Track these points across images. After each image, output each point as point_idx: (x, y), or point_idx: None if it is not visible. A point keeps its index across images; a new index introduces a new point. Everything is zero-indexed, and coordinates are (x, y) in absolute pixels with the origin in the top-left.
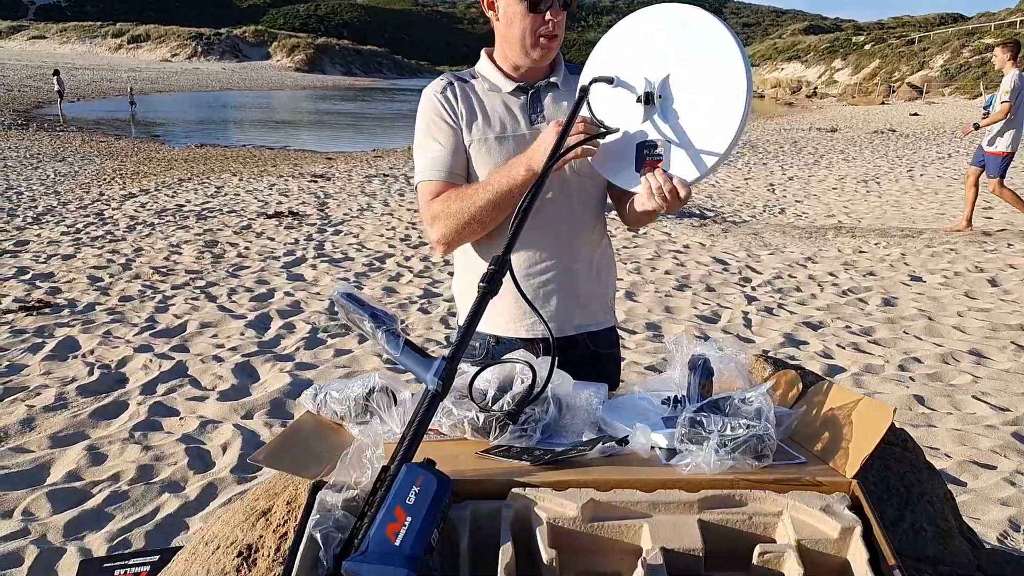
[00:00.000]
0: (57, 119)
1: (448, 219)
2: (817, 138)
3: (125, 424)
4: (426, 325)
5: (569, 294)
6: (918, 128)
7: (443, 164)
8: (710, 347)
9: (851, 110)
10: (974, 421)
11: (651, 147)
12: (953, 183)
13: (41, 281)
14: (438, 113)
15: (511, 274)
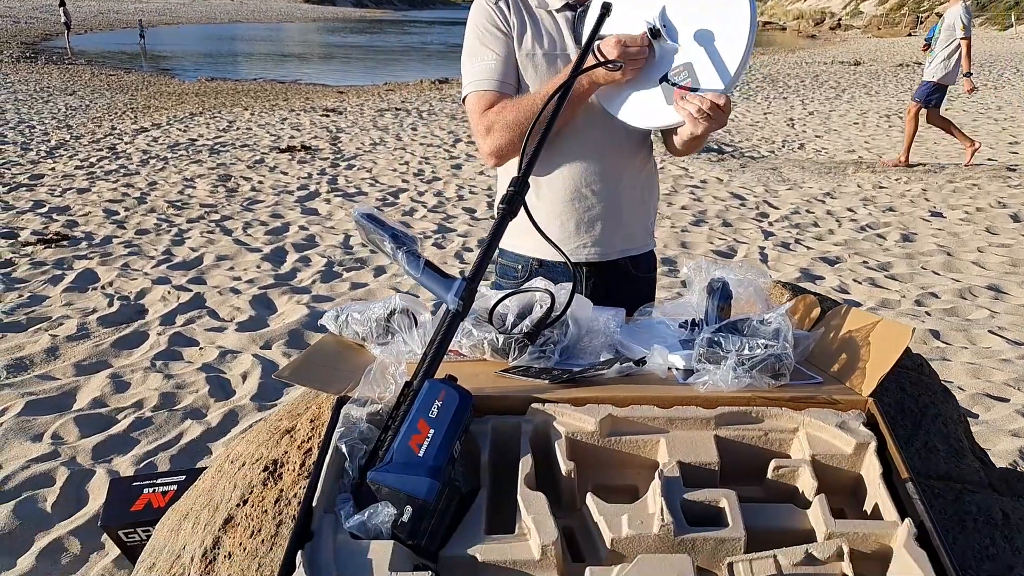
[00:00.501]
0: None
1: (503, 130)
2: (839, 72)
3: (146, 353)
4: (440, 260)
5: (614, 218)
6: None
7: (497, 73)
8: (729, 271)
9: (876, 42)
10: (989, 355)
11: (676, 76)
12: (979, 117)
13: (58, 214)
14: (492, 21)
15: (524, 206)
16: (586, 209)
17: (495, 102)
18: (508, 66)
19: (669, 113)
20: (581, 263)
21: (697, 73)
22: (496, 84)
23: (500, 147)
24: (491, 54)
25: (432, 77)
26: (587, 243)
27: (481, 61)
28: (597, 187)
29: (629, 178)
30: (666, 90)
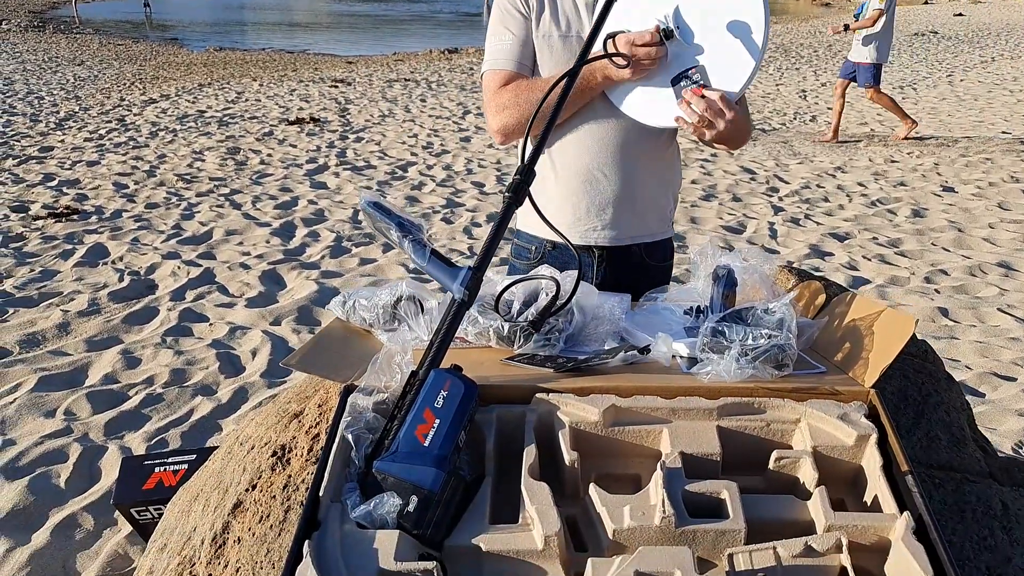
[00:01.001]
0: (73, 20)
1: (516, 109)
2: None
3: (157, 329)
4: (449, 235)
5: (627, 203)
6: (962, 30)
7: (513, 54)
8: (734, 257)
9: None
10: (998, 334)
11: (687, 78)
12: (995, 89)
13: (68, 188)
14: (513, 3)
15: (529, 196)
16: (598, 192)
17: (510, 81)
18: (526, 47)
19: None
20: (593, 247)
21: (710, 76)
22: (513, 64)
23: (507, 126)
24: (509, 35)
25: (441, 47)
26: (597, 227)
27: (500, 41)
28: (610, 171)
29: (646, 164)
30: (676, 91)
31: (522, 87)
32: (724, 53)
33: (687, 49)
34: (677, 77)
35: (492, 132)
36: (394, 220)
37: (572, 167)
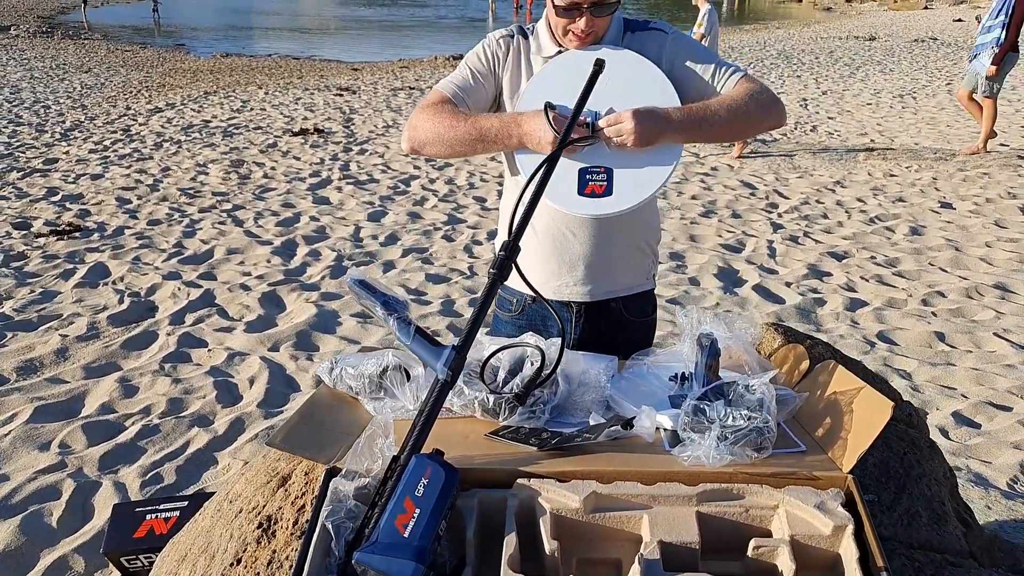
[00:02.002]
0: (82, 25)
1: (428, 129)
2: (854, 47)
3: (155, 355)
4: (450, 254)
5: (599, 260)
6: (961, 36)
7: (461, 87)
8: (719, 324)
9: (892, 16)
10: (994, 360)
11: (595, 172)
12: None
13: (71, 203)
14: (485, 54)
15: (515, 265)
16: (568, 250)
17: (443, 102)
18: (475, 91)
19: (574, 200)
20: (570, 302)
21: (616, 181)
22: (454, 93)
23: (418, 141)
24: (468, 73)
25: (446, 53)
26: (570, 283)
27: (459, 73)
28: (578, 229)
29: (615, 221)
30: (582, 180)
31: (446, 112)
32: (637, 162)
33: (602, 149)
34: (586, 169)
35: (403, 141)
36: (379, 298)
37: (543, 225)
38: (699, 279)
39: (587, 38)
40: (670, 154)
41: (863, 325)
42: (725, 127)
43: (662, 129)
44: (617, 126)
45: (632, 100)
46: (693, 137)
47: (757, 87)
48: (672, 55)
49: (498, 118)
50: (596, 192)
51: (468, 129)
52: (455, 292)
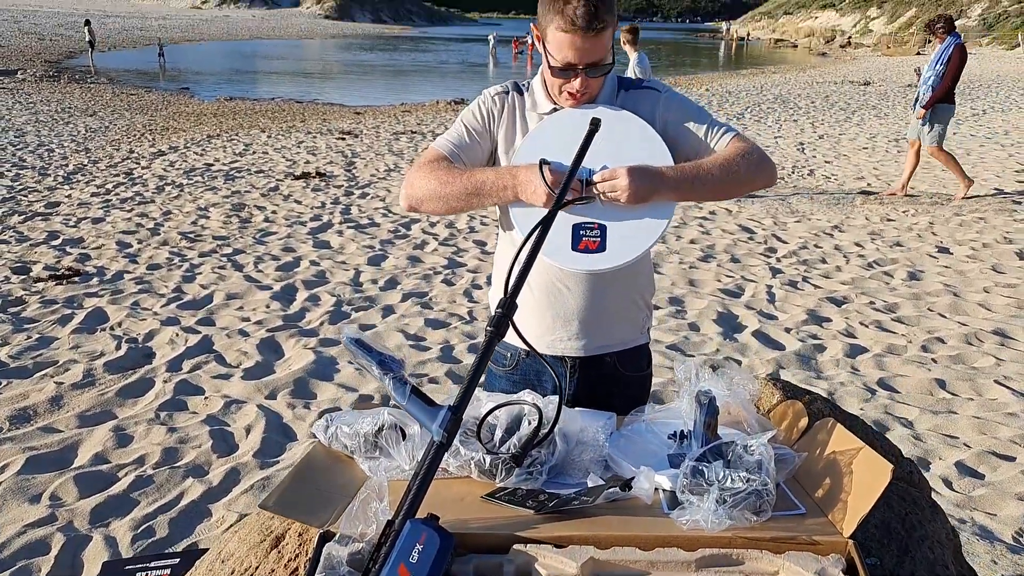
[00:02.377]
0: (88, 70)
1: (425, 186)
2: (849, 92)
3: (151, 404)
4: (449, 298)
5: (593, 315)
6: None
7: (457, 145)
8: (717, 380)
9: (885, 61)
10: (995, 408)
11: (588, 228)
12: (987, 143)
13: (71, 247)
14: (480, 111)
15: (512, 323)
16: (562, 304)
17: (439, 160)
18: (470, 148)
19: (568, 255)
20: (564, 357)
21: (608, 238)
22: (450, 151)
23: (416, 198)
24: (463, 131)
25: (448, 98)
26: (563, 337)
27: (455, 131)
28: (572, 283)
29: (610, 275)
30: (575, 236)
31: (441, 169)
32: (630, 219)
33: (597, 206)
34: (579, 225)
35: (401, 198)
36: (375, 357)
37: (538, 280)
38: (699, 324)
39: (582, 97)
40: (663, 211)
41: (863, 372)
42: (717, 186)
43: (656, 187)
44: (611, 183)
45: (626, 158)
46: (686, 196)
47: (748, 147)
48: (665, 114)
49: (494, 171)
50: (590, 248)
51: (463, 183)
52: (454, 338)
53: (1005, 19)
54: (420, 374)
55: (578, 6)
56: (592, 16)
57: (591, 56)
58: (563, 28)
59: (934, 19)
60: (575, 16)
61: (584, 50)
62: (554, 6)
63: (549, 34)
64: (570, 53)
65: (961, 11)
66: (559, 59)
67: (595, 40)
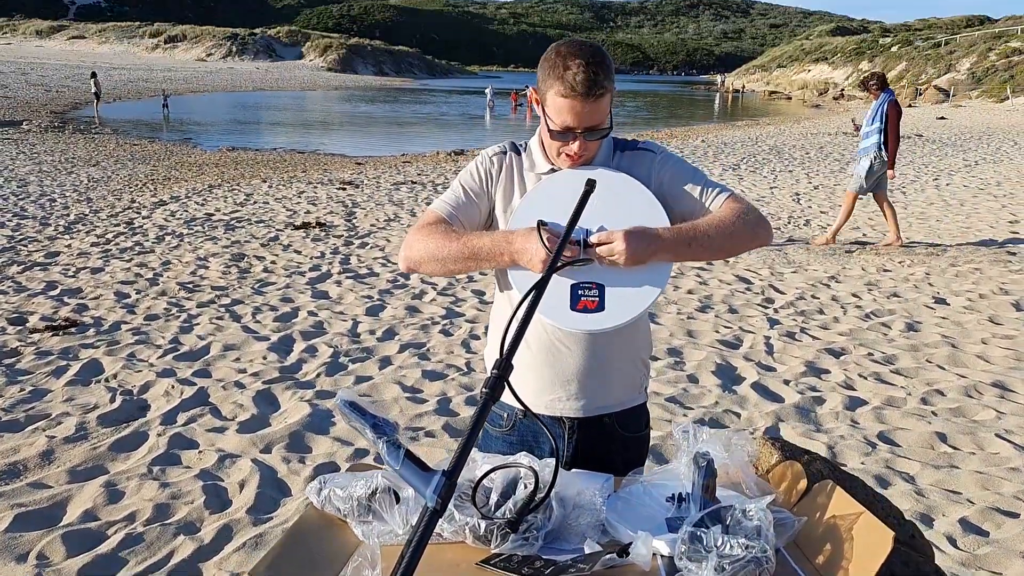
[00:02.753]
0: (93, 121)
1: (422, 249)
2: (844, 143)
3: (144, 458)
4: (447, 349)
5: (592, 375)
6: (945, 133)
7: (454, 206)
8: (715, 442)
9: None
10: (997, 462)
11: (587, 287)
12: (979, 194)
13: (69, 297)
14: (478, 171)
15: (508, 385)
16: (561, 364)
17: (437, 223)
18: (467, 208)
19: (566, 315)
20: (562, 418)
21: (607, 297)
22: (448, 212)
23: (413, 260)
24: (461, 191)
25: (448, 148)
26: (562, 397)
27: (452, 191)
28: (571, 342)
29: (610, 334)
30: (574, 295)
31: (438, 232)
32: (629, 279)
33: (593, 265)
34: (578, 284)
35: (400, 259)
36: (368, 421)
37: (536, 339)
38: (697, 376)
39: (579, 160)
40: (661, 271)
41: (863, 425)
42: (714, 247)
43: (652, 249)
44: (608, 246)
45: (622, 219)
46: (682, 256)
47: (744, 207)
48: (661, 174)
49: (489, 237)
50: (588, 307)
51: (460, 248)
52: (451, 390)
53: (993, 73)
54: (417, 427)
55: (578, 72)
56: (592, 82)
57: (590, 121)
58: (562, 93)
59: (868, 76)
60: (575, 82)
61: (583, 115)
62: (554, 71)
63: (548, 98)
64: (569, 117)
65: (950, 65)
66: (558, 123)
67: (594, 105)
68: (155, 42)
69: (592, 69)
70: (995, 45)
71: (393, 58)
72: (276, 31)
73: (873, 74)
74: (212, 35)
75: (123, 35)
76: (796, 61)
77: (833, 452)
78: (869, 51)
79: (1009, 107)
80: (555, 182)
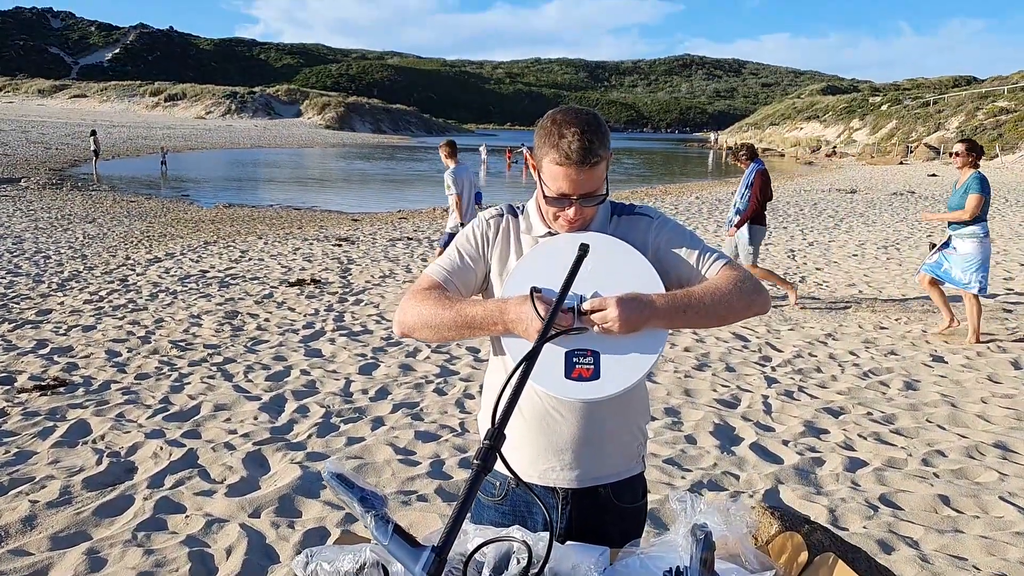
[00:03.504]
0: (91, 178)
1: (416, 315)
2: (837, 200)
3: (129, 523)
4: (441, 408)
5: (588, 444)
6: (937, 190)
7: (450, 271)
8: (713, 513)
9: (870, 170)
10: (1002, 527)
11: (581, 355)
12: None
13: (59, 356)
14: (475, 235)
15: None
16: (556, 433)
17: (432, 288)
18: (463, 272)
19: (561, 383)
20: (556, 488)
21: (602, 365)
22: (443, 277)
23: (408, 325)
24: (456, 255)
25: (444, 204)
26: (557, 467)
27: (449, 255)
28: (566, 410)
29: (606, 402)
30: (568, 363)
31: (433, 298)
32: (623, 346)
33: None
34: (572, 352)
35: (394, 323)
36: (356, 494)
37: (530, 407)
38: (695, 437)
39: (576, 225)
40: (657, 338)
41: (864, 487)
42: (709, 314)
43: (646, 316)
44: (602, 313)
45: (617, 285)
46: (677, 324)
47: (740, 275)
48: (657, 239)
49: (483, 306)
50: (583, 376)
51: (454, 316)
52: (445, 451)
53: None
54: (409, 491)
55: (573, 140)
56: (586, 151)
57: (585, 188)
58: (558, 161)
59: (738, 148)
60: (570, 151)
61: (578, 182)
62: (549, 139)
63: (544, 166)
64: (564, 185)
65: (940, 124)
66: (554, 189)
67: (589, 173)
68: (155, 100)
69: (587, 138)
70: (982, 104)
71: (390, 116)
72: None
73: (743, 145)
74: (212, 93)
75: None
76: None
77: (834, 515)
78: (859, 109)
79: (999, 165)
80: (550, 247)
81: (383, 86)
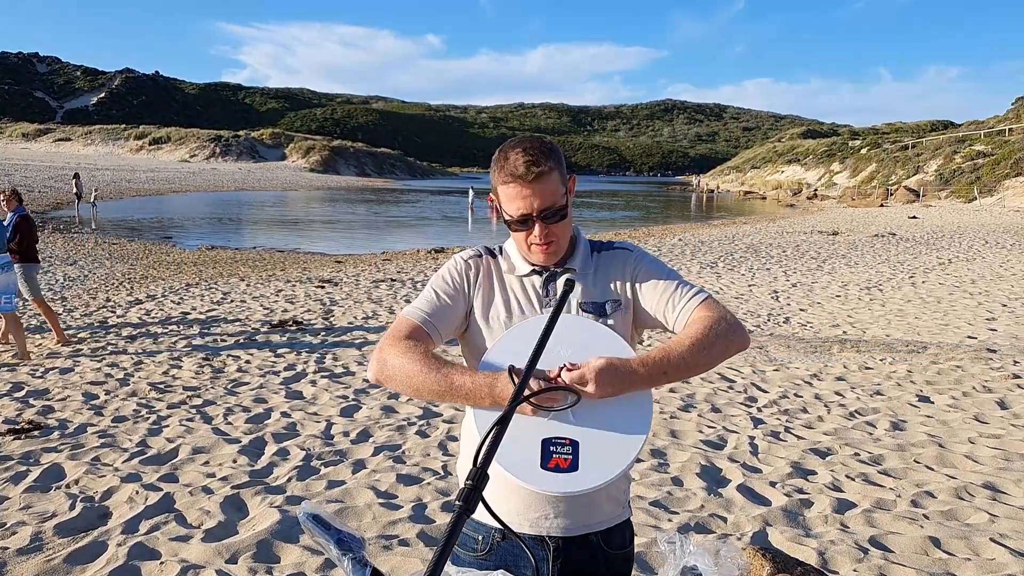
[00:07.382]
0: (73, 220)
1: (398, 368)
2: (819, 241)
3: (101, 570)
4: (423, 451)
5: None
6: (917, 232)
7: (430, 313)
8: (702, 555)
9: (851, 212)
10: (994, 569)
11: (559, 444)
12: (955, 291)
13: (35, 399)
14: (453, 276)
15: (483, 501)
16: None
17: (413, 332)
18: (443, 313)
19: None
20: (546, 538)
21: (582, 455)
22: (422, 319)
23: (383, 376)
24: (434, 297)
25: (428, 247)
26: (551, 514)
27: (426, 296)
28: None
29: None
30: (545, 452)
31: (417, 354)
32: (605, 435)
33: (571, 420)
34: (549, 440)
35: (369, 371)
36: (333, 536)
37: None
38: (682, 479)
39: (549, 246)
40: (640, 425)
41: (853, 529)
42: (690, 367)
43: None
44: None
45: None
46: (658, 383)
47: (716, 316)
48: (636, 271)
49: (471, 378)
50: (560, 466)
51: (439, 380)
52: (427, 495)
53: (960, 174)
54: (390, 536)
55: (517, 158)
56: (530, 163)
57: (541, 202)
58: (506, 180)
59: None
60: (515, 167)
61: (531, 197)
62: (496, 164)
63: (499, 191)
64: (520, 203)
65: (919, 167)
66: (513, 212)
67: (538, 186)
68: (140, 143)
69: (530, 153)
70: (959, 148)
71: (375, 159)
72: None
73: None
74: (196, 137)
75: (108, 137)
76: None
77: (824, 559)
78: (840, 153)
79: (977, 207)
80: (529, 326)
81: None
